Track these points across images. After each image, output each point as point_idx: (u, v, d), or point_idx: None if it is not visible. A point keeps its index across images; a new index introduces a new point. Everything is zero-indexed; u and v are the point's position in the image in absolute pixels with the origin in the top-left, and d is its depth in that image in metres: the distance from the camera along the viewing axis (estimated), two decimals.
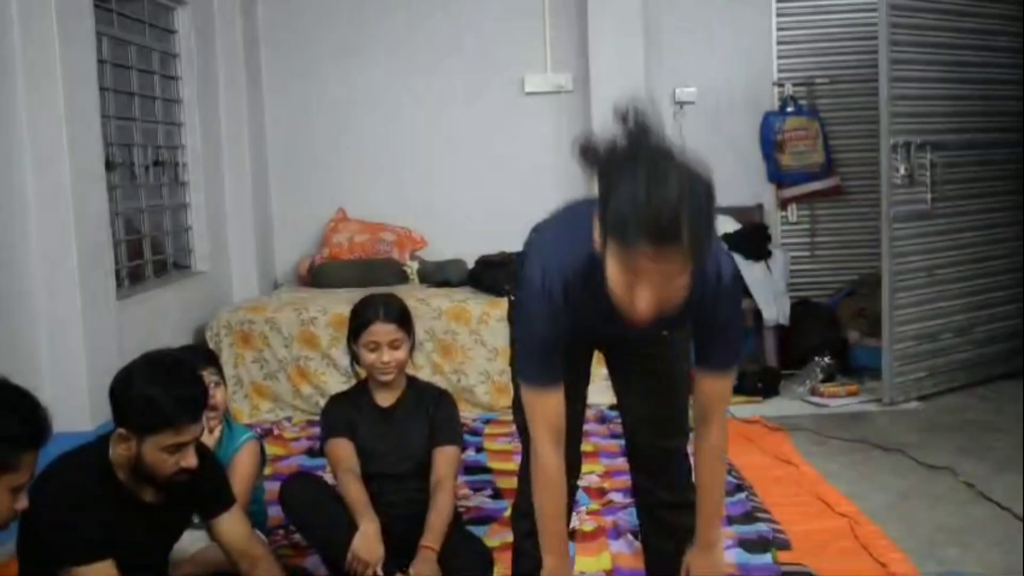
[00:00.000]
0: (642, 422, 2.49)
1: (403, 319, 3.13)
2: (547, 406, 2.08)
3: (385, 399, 3.18)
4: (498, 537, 3.40)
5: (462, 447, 3.27)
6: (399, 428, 3.15)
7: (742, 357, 2.19)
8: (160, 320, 4.95)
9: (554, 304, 2.01)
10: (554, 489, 2.15)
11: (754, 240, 5.85)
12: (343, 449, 3.08)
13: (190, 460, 2.33)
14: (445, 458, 3.12)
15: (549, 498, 2.16)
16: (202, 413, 2.37)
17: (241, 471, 3.01)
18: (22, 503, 2.05)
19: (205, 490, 2.51)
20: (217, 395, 2.99)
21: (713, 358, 2.13)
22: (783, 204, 6.38)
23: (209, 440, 2.93)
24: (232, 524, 2.54)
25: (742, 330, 2.16)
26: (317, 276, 5.97)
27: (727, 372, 2.14)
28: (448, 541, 2.98)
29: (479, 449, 4.51)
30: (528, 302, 2.07)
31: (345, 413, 3.15)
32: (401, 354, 3.10)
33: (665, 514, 2.55)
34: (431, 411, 3.17)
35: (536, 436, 2.12)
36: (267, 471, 3.98)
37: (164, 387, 2.27)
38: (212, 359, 3.23)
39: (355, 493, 2.98)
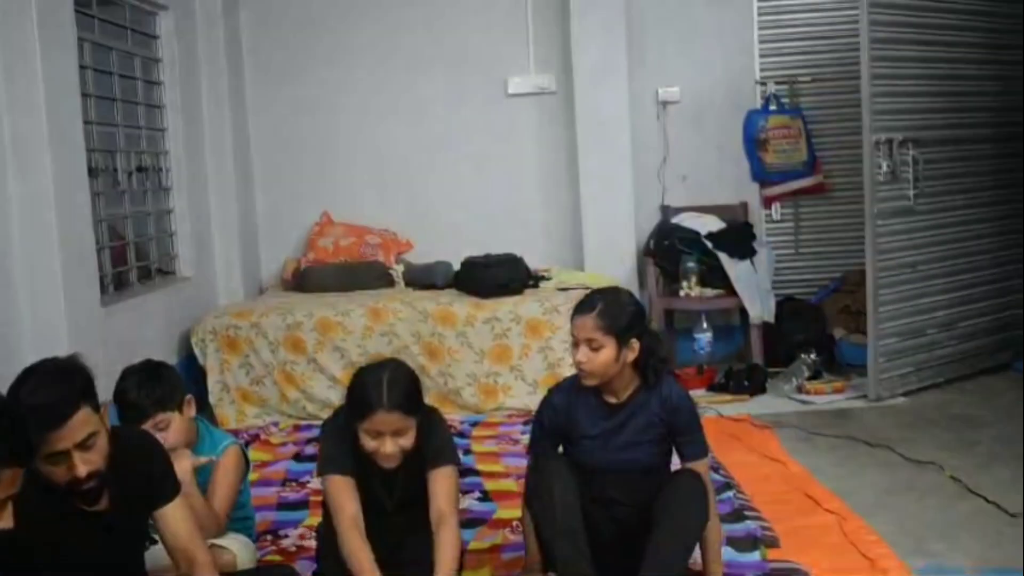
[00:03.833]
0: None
1: (409, 403, 2.72)
2: None
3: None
4: (488, 539, 3.41)
5: (459, 466, 2.89)
6: (402, 482, 2.82)
7: (708, 448, 3.00)
8: (145, 326, 4.94)
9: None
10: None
11: (739, 238, 5.87)
12: (345, 493, 2.72)
13: (77, 469, 2.15)
14: (443, 486, 2.76)
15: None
16: (63, 419, 2.14)
17: (224, 477, 2.98)
18: (5, 521, 1.95)
19: (149, 484, 2.39)
20: (168, 436, 2.83)
21: (689, 452, 2.94)
22: (767, 202, 6.39)
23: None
24: (175, 517, 2.40)
25: (702, 428, 2.96)
26: (303, 280, 5.96)
27: (701, 459, 2.94)
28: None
29: (467, 452, 4.50)
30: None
31: (348, 447, 2.75)
32: (407, 441, 2.71)
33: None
34: (424, 439, 2.79)
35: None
36: (254, 476, 3.97)
37: (24, 397, 2.11)
38: (167, 396, 2.92)
39: (361, 566, 2.63)
